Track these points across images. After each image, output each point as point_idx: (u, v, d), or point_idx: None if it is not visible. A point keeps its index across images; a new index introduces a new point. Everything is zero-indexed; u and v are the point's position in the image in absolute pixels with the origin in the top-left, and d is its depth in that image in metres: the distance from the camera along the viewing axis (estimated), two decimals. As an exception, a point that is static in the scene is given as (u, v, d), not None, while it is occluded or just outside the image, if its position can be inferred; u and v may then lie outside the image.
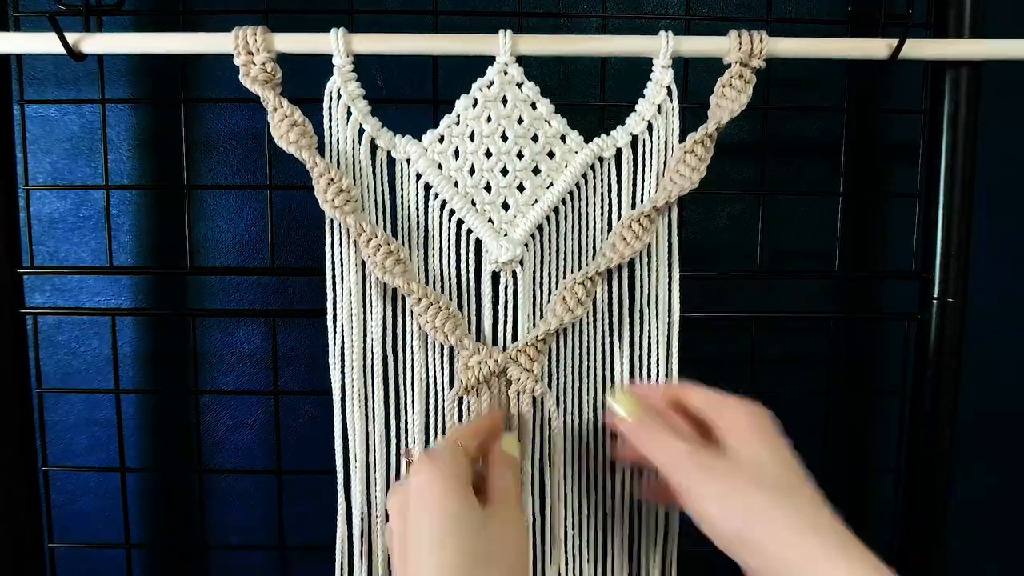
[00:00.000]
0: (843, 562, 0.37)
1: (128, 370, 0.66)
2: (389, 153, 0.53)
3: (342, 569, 0.54)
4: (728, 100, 0.52)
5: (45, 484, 0.60)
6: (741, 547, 0.40)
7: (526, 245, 0.53)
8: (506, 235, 0.52)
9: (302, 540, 0.66)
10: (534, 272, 0.54)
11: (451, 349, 0.53)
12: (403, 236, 0.53)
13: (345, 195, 0.50)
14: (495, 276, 0.53)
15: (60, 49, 0.51)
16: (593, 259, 0.54)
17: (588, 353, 0.55)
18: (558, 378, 0.54)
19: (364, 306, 0.53)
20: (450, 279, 0.53)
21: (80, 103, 0.63)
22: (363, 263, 0.52)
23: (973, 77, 0.55)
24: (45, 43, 0.52)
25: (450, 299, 0.53)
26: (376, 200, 0.53)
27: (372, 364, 0.53)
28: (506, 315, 0.53)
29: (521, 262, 0.53)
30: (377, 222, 0.52)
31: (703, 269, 0.60)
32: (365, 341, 0.53)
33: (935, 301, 0.57)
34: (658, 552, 0.56)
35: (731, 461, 0.42)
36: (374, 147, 0.52)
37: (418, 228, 0.53)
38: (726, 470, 0.41)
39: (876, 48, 0.53)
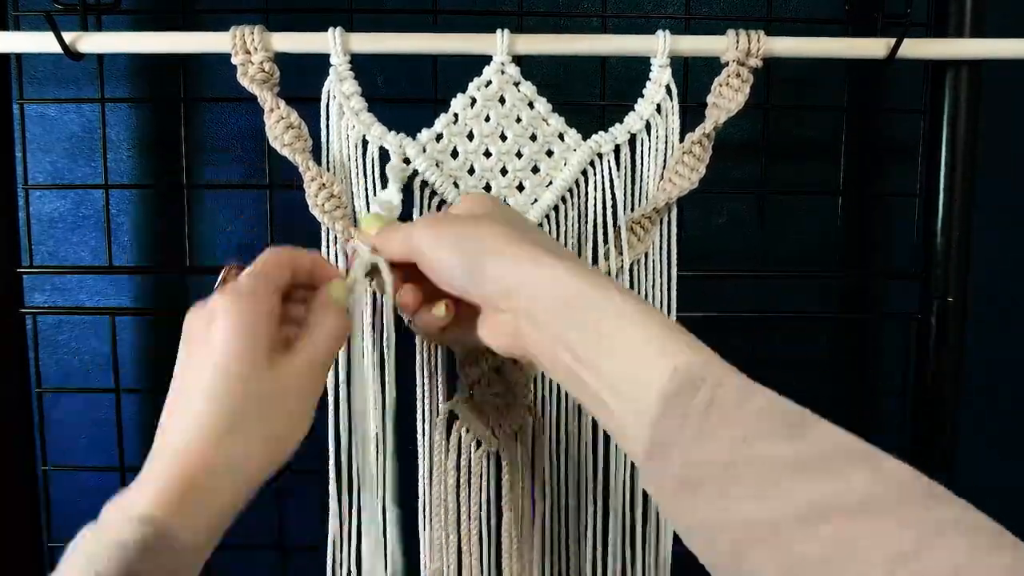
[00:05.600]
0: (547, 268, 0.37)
1: (128, 370, 0.65)
2: (387, 152, 0.52)
3: (333, 570, 0.54)
4: (725, 99, 0.52)
5: (45, 484, 0.60)
6: (482, 288, 0.39)
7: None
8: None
9: (302, 540, 0.66)
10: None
11: (448, 350, 0.52)
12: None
13: (336, 200, 0.50)
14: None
15: (58, 48, 0.51)
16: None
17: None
18: (553, 381, 0.54)
19: (362, 308, 0.52)
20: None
21: (80, 103, 0.63)
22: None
23: (973, 77, 0.55)
24: (43, 42, 0.51)
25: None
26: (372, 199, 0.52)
27: (369, 367, 0.53)
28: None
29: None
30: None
31: (703, 269, 0.60)
32: (362, 343, 0.53)
33: (935, 301, 0.57)
34: (652, 554, 0.55)
35: (449, 215, 0.44)
36: (374, 147, 0.52)
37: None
38: (444, 219, 0.43)
39: (874, 48, 0.53)
